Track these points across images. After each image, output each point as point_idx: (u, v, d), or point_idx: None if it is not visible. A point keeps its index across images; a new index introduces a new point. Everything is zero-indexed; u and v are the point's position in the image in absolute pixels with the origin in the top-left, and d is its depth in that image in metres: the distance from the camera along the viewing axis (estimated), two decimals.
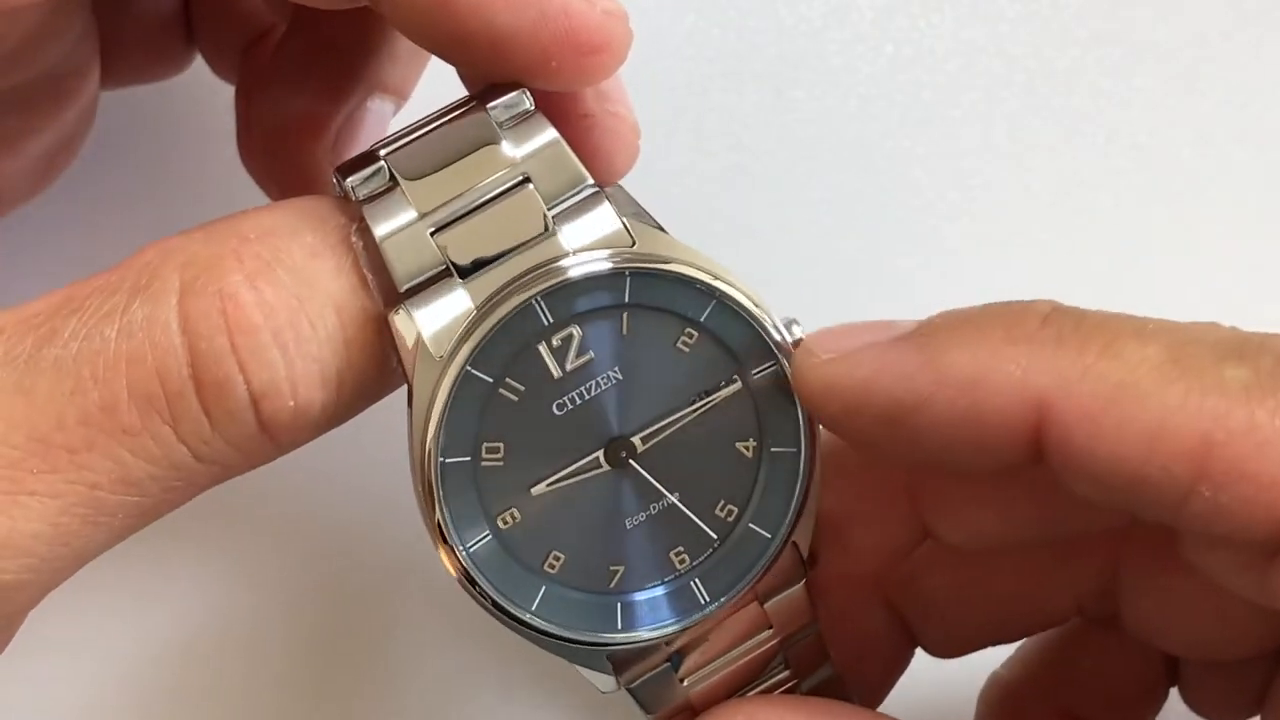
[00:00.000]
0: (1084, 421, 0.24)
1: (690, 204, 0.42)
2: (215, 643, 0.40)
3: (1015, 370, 0.25)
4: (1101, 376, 0.24)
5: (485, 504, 0.27)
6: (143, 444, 0.25)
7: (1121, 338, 0.25)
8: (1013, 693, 0.35)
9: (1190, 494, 0.24)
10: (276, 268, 0.26)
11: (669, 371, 0.28)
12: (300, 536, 0.41)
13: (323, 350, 0.26)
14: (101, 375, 0.25)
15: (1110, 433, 0.24)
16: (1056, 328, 0.25)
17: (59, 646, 0.39)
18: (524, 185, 0.27)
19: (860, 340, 0.27)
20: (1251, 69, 0.43)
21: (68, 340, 0.25)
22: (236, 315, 0.25)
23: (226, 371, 0.25)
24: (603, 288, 0.27)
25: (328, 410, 0.27)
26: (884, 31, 0.43)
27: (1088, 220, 0.43)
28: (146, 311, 0.25)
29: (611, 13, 0.27)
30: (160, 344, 0.25)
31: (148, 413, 0.25)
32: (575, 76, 0.27)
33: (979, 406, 0.25)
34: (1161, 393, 0.24)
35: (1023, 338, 0.25)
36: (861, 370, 0.26)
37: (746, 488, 0.28)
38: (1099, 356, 0.25)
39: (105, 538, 0.26)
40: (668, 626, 0.28)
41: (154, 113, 0.41)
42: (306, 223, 0.27)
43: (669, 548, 0.28)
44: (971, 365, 0.25)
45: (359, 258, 0.27)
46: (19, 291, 0.34)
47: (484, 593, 0.27)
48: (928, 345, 0.26)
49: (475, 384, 0.27)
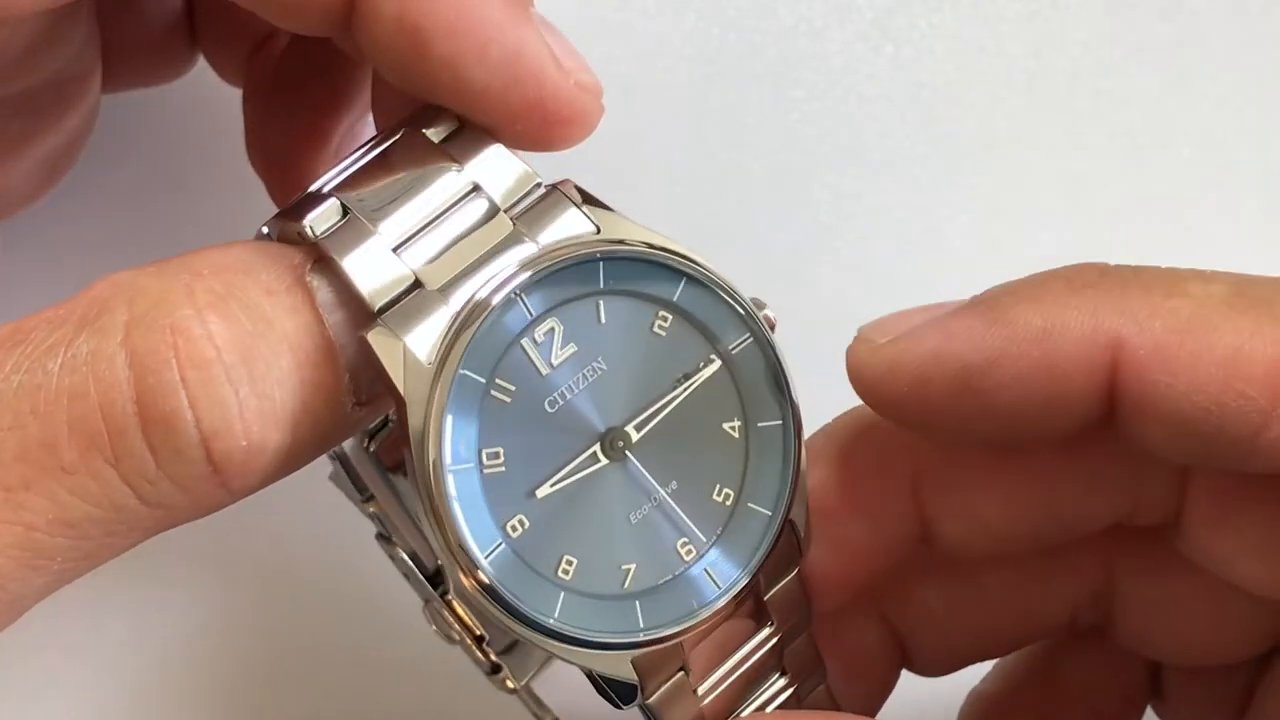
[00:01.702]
0: (1159, 356, 0.24)
1: (690, 204, 0.42)
2: (213, 646, 0.40)
3: (1085, 315, 0.25)
4: (1173, 311, 0.25)
5: (494, 513, 0.27)
6: (82, 483, 0.24)
7: (1185, 279, 0.25)
8: (995, 707, 0.35)
9: (1270, 419, 0.24)
10: (231, 302, 0.25)
11: (649, 357, 0.28)
12: (299, 540, 0.41)
13: (277, 389, 0.25)
14: (42, 410, 0.24)
15: (1186, 364, 0.24)
16: (1119, 275, 0.26)
17: (58, 647, 0.39)
18: (476, 193, 0.27)
19: (916, 321, 0.27)
20: (1251, 68, 0.43)
21: (9, 374, 0.24)
22: (188, 349, 0.24)
23: (174, 407, 0.24)
24: (578, 277, 0.27)
25: (281, 452, 0.26)
26: (884, 31, 0.43)
27: (1087, 220, 0.43)
28: (92, 345, 0.24)
29: (586, 87, 0.27)
30: (104, 379, 0.24)
31: (88, 450, 0.24)
32: (538, 142, 0.27)
33: (1052, 355, 0.25)
34: (1233, 323, 0.24)
35: (1087, 286, 0.25)
36: (927, 343, 0.26)
37: (739, 468, 0.28)
38: (1166, 295, 0.25)
39: (43, 582, 0.25)
40: (687, 620, 0.28)
41: (155, 115, 0.41)
42: (262, 260, 0.26)
43: (674, 540, 0.28)
44: (1040, 317, 0.25)
45: (315, 297, 0.26)
46: (20, 295, 0.34)
47: (506, 603, 0.27)
48: (992, 307, 0.26)
49: (470, 386, 0.26)
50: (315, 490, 0.40)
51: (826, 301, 0.42)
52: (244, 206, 0.40)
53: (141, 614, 0.39)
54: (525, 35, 0.26)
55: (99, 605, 0.39)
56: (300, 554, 0.41)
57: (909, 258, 0.43)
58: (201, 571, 0.40)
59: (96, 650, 0.39)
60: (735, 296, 0.28)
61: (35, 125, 0.33)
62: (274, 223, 0.27)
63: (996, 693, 0.35)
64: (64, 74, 0.33)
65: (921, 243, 0.43)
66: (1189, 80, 0.43)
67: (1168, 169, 0.43)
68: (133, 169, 0.41)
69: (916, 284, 0.43)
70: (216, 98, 0.39)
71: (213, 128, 0.41)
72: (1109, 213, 0.43)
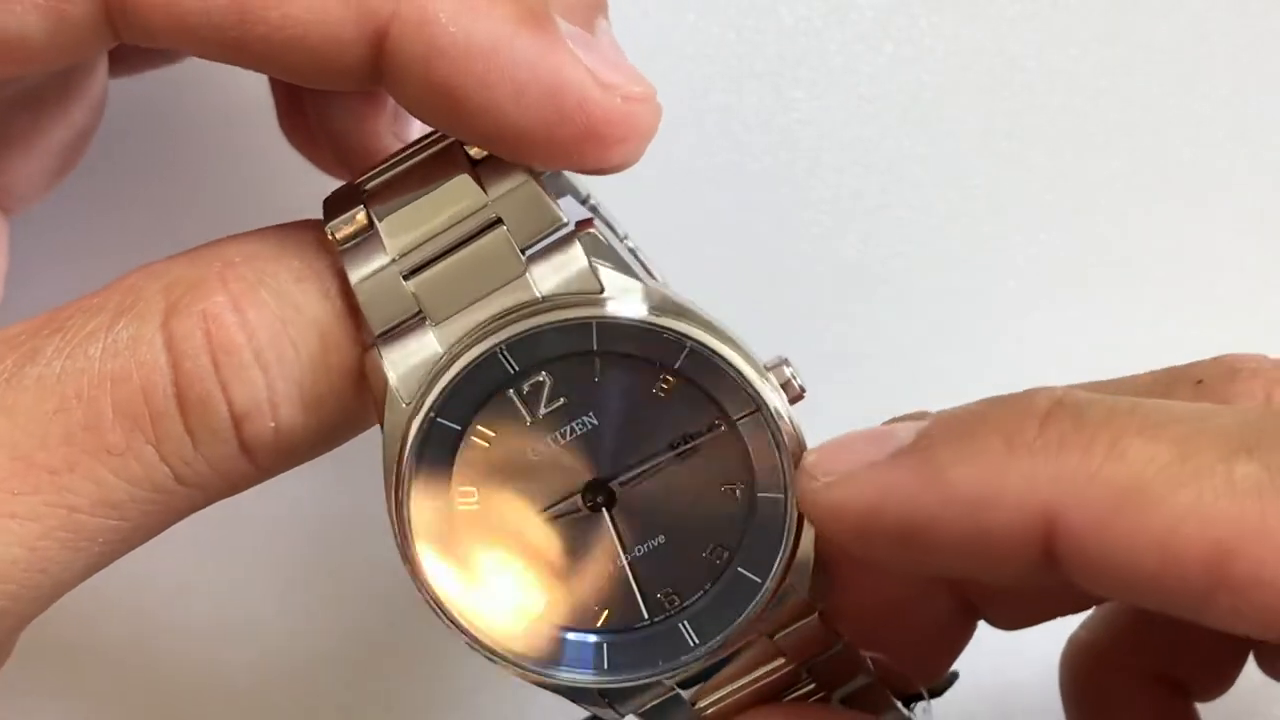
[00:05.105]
0: (1094, 530, 0.23)
1: (690, 204, 0.42)
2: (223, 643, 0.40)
3: (1020, 483, 0.24)
4: (1108, 482, 0.23)
5: (464, 547, 0.27)
6: (125, 464, 0.25)
7: (1126, 435, 0.24)
8: (1098, 653, 0.34)
9: (1209, 600, 0.23)
10: (261, 289, 0.26)
11: (647, 416, 0.27)
12: (305, 539, 0.41)
13: (305, 373, 0.26)
14: (86, 393, 0.25)
15: (1122, 541, 0.23)
16: (1057, 430, 0.24)
17: (56, 648, 0.39)
18: (496, 227, 0.27)
19: (859, 457, 0.26)
20: (1251, 69, 0.43)
21: (50, 359, 0.25)
22: (219, 335, 0.25)
23: (209, 390, 0.25)
24: (569, 337, 0.27)
25: (309, 434, 0.26)
26: (884, 31, 0.43)
27: (1087, 220, 0.43)
28: (132, 331, 0.25)
29: (634, 98, 0.26)
30: (146, 363, 0.25)
31: (132, 432, 0.25)
32: (598, 167, 0.27)
33: (987, 523, 0.24)
34: (1171, 497, 0.23)
35: (1024, 446, 0.24)
36: (865, 495, 0.25)
37: (736, 531, 0.28)
38: (1105, 459, 0.23)
39: (84, 564, 0.26)
40: (655, 670, 0.28)
41: (164, 104, 0.41)
42: (293, 248, 0.27)
43: (658, 588, 0.28)
44: (975, 482, 0.24)
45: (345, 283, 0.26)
46: (31, 290, 0.34)
47: (463, 630, 0.27)
48: (928, 462, 0.25)
49: (442, 431, 0.27)
50: (317, 490, 0.40)
51: (827, 302, 0.42)
52: (260, 188, 0.40)
53: (144, 613, 0.39)
54: (559, 66, 0.26)
55: (102, 607, 0.39)
56: (306, 554, 0.41)
57: (909, 258, 0.43)
58: (208, 573, 0.40)
59: (97, 649, 0.39)
60: (744, 371, 0.27)
61: (41, 119, 0.33)
62: (325, 205, 0.28)
63: (1100, 641, 0.34)
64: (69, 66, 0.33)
65: (921, 243, 0.43)
66: (1189, 80, 0.43)
67: (1168, 169, 0.43)
68: (143, 160, 0.40)
69: (916, 284, 0.43)
70: (229, 80, 0.39)
71: (226, 112, 0.40)
72: (1109, 212, 0.43)
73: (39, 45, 0.26)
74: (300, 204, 0.30)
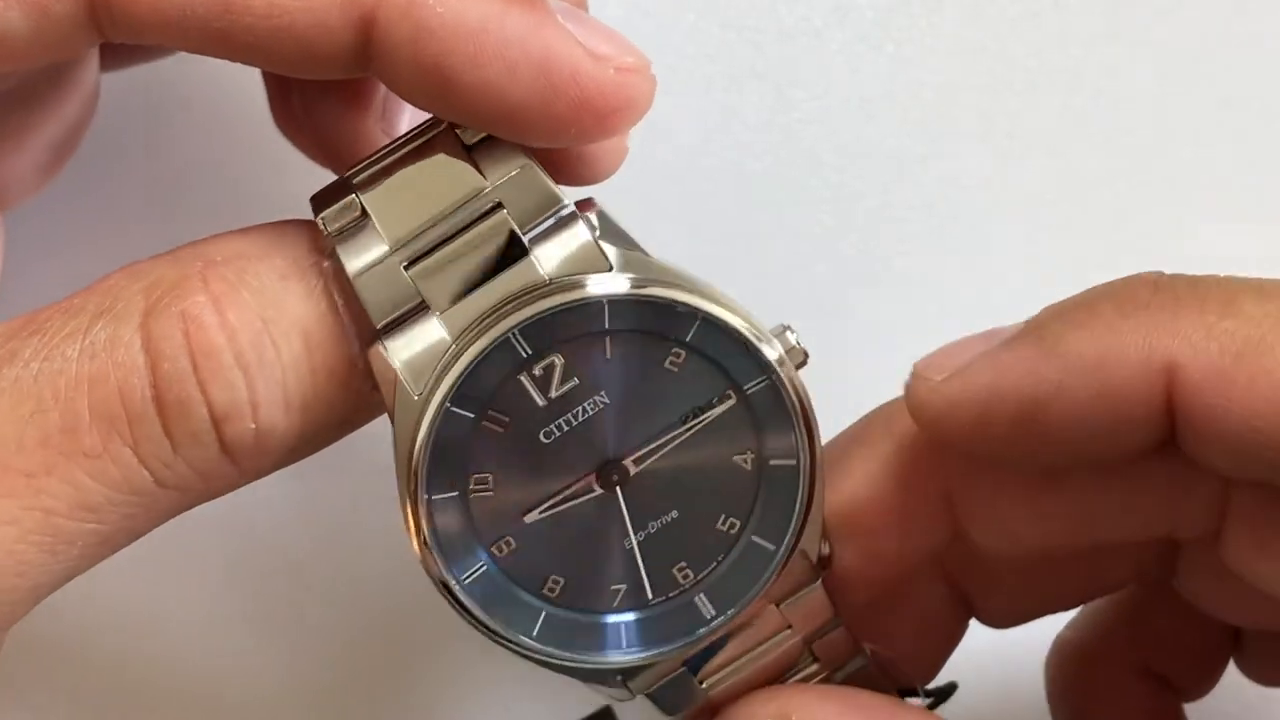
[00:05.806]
0: (1215, 381, 0.24)
1: (690, 204, 0.42)
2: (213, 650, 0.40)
3: (1138, 340, 0.24)
4: (1227, 333, 0.24)
5: (479, 534, 0.27)
6: (103, 467, 0.24)
7: (1240, 295, 0.25)
8: (1085, 653, 0.34)
9: None
10: (242, 289, 0.25)
11: (658, 391, 0.27)
12: (303, 541, 0.41)
13: (288, 374, 0.25)
14: (63, 395, 0.24)
15: (1242, 390, 0.24)
16: (1171, 292, 0.25)
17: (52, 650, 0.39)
18: (497, 211, 0.26)
19: (970, 353, 0.26)
20: (1251, 68, 0.43)
21: (28, 361, 0.24)
22: (198, 336, 0.25)
23: (188, 392, 0.24)
24: (580, 317, 0.26)
25: (291, 436, 0.26)
26: (884, 31, 0.43)
27: (1088, 220, 0.43)
28: (110, 332, 0.25)
29: (628, 68, 0.26)
30: (123, 364, 0.24)
31: (109, 434, 0.24)
32: (595, 138, 0.27)
33: (1108, 384, 0.25)
34: None
35: (1138, 307, 0.25)
36: (983, 377, 0.26)
37: (747, 501, 0.28)
38: (1220, 315, 0.24)
39: (62, 569, 0.25)
40: (674, 645, 0.28)
41: (158, 98, 0.41)
42: (277, 247, 0.26)
43: (672, 563, 0.28)
44: (1093, 345, 0.25)
45: (330, 285, 0.26)
46: (24, 287, 0.34)
47: (480, 622, 0.27)
48: (1043, 337, 0.26)
49: (456, 420, 0.26)
50: (317, 490, 0.40)
51: (827, 302, 0.42)
52: (255, 180, 0.40)
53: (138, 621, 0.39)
54: (550, 40, 0.25)
55: (94, 612, 0.39)
56: (303, 559, 0.41)
57: (910, 258, 0.43)
58: (200, 580, 0.40)
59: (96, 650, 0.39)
60: (752, 339, 0.27)
61: (34, 115, 0.33)
62: (311, 202, 0.27)
63: (1086, 640, 0.34)
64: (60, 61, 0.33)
65: (922, 243, 0.43)
66: (1189, 80, 0.43)
67: (1168, 169, 0.43)
68: (136, 155, 0.40)
69: (917, 284, 0.43)
70: (222, 73, 0.39)
71: (218, 107, 0.40)
72: (1109, 212, 0.43)
73: (22, 43, 0.26)
74: (295, 200, 0.29)
